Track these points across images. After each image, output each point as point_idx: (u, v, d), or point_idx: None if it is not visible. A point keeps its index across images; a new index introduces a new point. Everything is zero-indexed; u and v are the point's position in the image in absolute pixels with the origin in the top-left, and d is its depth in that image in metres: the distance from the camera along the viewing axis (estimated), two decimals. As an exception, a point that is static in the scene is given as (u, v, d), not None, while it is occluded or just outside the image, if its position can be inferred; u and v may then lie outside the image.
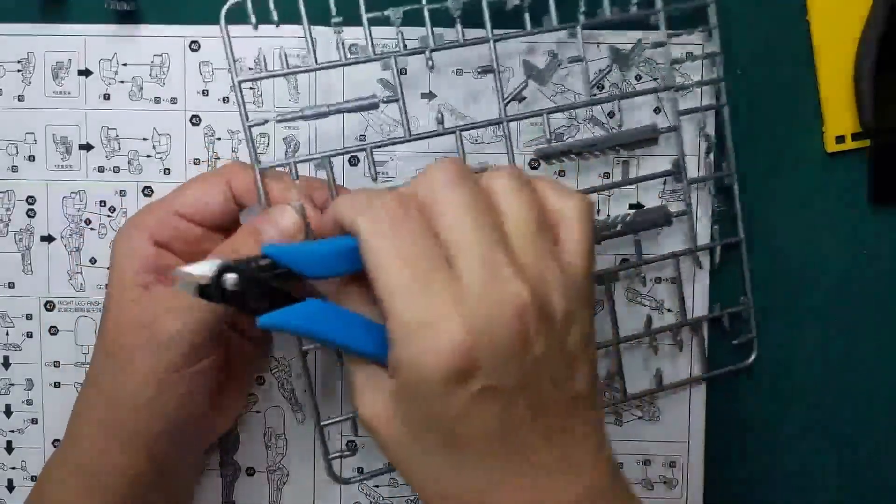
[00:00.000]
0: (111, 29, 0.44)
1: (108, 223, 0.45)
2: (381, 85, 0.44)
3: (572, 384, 0.33)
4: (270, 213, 0.38)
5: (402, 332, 0.31)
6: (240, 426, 0.46)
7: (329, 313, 0.33)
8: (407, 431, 0.32)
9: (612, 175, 0.45)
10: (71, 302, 0.45)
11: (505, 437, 0.31)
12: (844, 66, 0.45)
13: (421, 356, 0.30)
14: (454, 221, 0.31)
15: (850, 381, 0.47)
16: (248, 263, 0.33)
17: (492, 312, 0.30)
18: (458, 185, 0.32)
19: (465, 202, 0.32)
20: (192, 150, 0.45)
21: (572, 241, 0.33)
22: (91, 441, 0.39)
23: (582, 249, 0.33)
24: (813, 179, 0.46)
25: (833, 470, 0.47)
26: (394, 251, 0.31)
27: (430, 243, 0.31)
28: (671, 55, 0.44)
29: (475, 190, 0.32)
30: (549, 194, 0.34)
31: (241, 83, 0.40)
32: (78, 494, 0.38)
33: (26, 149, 0.45)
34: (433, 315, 0.30)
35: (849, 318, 0.47)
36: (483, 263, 0.31)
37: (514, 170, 0.34)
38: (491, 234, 0.31)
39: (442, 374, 0.30)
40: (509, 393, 0.31)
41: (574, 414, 0.33)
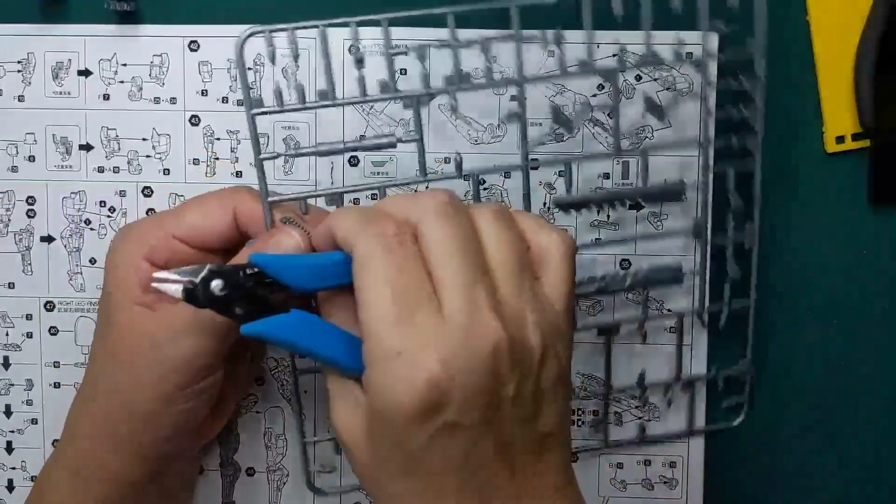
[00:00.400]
0: (111, 29, 0.44)
1: (108, 223, 0.45)
2: (381, 86, 0.44)
3: (542, 422, 0.33)
4: (274, 234, 0.37)
5: (378, 356, 0.31)
6: (240, 426, 0.46)
7: (312, 325, 0.34)
8: (375, 451, 0.33)
9: (612, 175, 0.45)
10: (71, 302, 0.45)
11: (467, 472, 0.32)
12: (844, 66, 0.45)
13: (394, 384, 0.31)
14: (442, 256, 0.32)
15: (851, 380, 0.47)
16: (235, 271, 0.33)
17: (468, 349, 0.31)
18: (449, 219, 0.33)
19: (454, 237, 0.32)
20: (191, 150, 0.45)
21: (554, 279, 0.34)
22: (88, 444, 0.39)
23: (563, 289, 0.34)
24: (813, 179, 0.46)
25: (833, 470, 0.47)
26: (386, 277, 0.32)
27: (420, 275, 0.32)
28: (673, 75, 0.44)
29: (465, 225, 0.33)
30: (533, 231, 0.35)
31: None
32: (74, 497, 0.39)
33: (26, 149, 0.45)
34: (411, 346, 0.31)
35: (849, 318, 0.47)
36: (465, 301, 0.31)
37: (500, 207, 0.35)
38: (474, 272, 0.32)
39: (411, 406, 0.30)
40: (476, 429, 0.31)
41: (540, 452, 0.33)
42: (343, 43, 0.44)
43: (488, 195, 0.45)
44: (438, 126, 0.45)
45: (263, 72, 0.44)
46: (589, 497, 0.46)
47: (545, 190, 0.45)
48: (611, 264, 0.45)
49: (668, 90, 0.45)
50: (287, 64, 0.44)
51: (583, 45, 0.43)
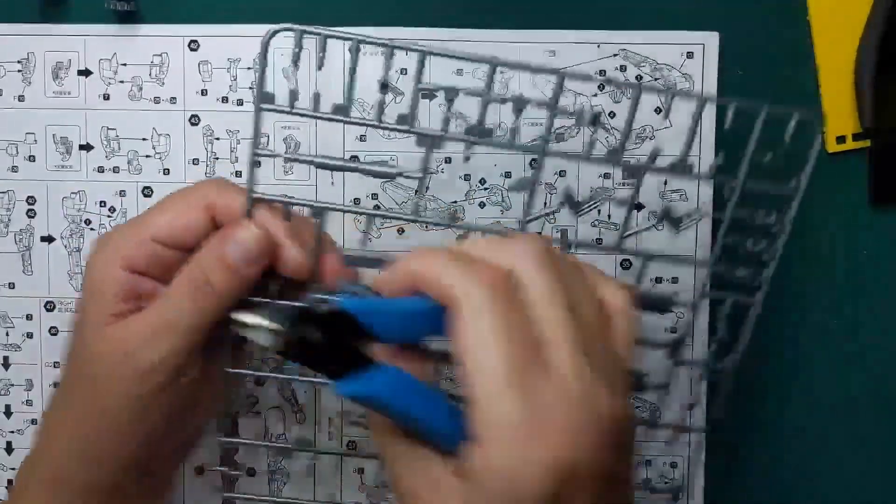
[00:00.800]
0: (111, 29, 0.44)
1: (108, 223, 0.45)
2: (382, 85, 0.44)
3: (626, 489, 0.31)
4: (235, 229, 0.36)
5: (497, 434, 0.27)
6: (240, 426, 0.46)
7: (408, 385, 0.30)
8: None
9: (613, 175, 0.45)
10: (71, 302, 0.45)
11: None
12: (845, 66, 0.45)
13: (521, 468, 0.27)
14: (550, 310, 0.29)
15: (851, 380, 0.47)
16: (329, 316, 0.29)
17: (592, 422, 0.27)
18: (553, 269, 0.30)
19: (560, 290, 0.29)
20: (191, 149, 0.45)
21: (623, 334, 0.31)
22: (66, 458, 0.37)
23: (631, 343, 0.32)
24: (813, 180, 0.46)
25: (833, 470, 0.47)
26: (498, 334, 0.28)
27: (530, 331, 0.28)
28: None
29: (565, 278, 0.30)
30: (600, 283, 0.32)
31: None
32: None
33: (26, 149, 0.45)
34: (532, 418, 0.27)
35: (849, 318, 0.47)
36: (579, 364, 0.28)
37: (573, 258, 0.33)
38: (577, 332, 0.29)
39: (540, 492, 0.27)
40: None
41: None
42: (344, 44, 0.44)
43: (488, 195, 0.45)
44: (438, 125, 0.44)
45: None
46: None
47: (545, 189, 0.45)
48: (611, 265, 0.45)
49: (668, 90, 0.45)
50: (287, 64, 0.44)
51: (583, 46, 0.43)
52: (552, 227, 0.45)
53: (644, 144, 0.45)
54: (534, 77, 0.44)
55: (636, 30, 0.44)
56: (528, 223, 0.40)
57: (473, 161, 0.45)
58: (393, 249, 0.45)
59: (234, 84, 0.44)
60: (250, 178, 0.37)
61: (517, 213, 0.45)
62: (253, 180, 0.37)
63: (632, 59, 0.44)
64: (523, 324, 0.28)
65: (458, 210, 0.45)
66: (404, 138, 0.44)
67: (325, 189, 0.45)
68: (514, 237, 0.32)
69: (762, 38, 0.45)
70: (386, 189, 0.45)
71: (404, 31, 0.44)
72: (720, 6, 0.45)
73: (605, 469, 0.27)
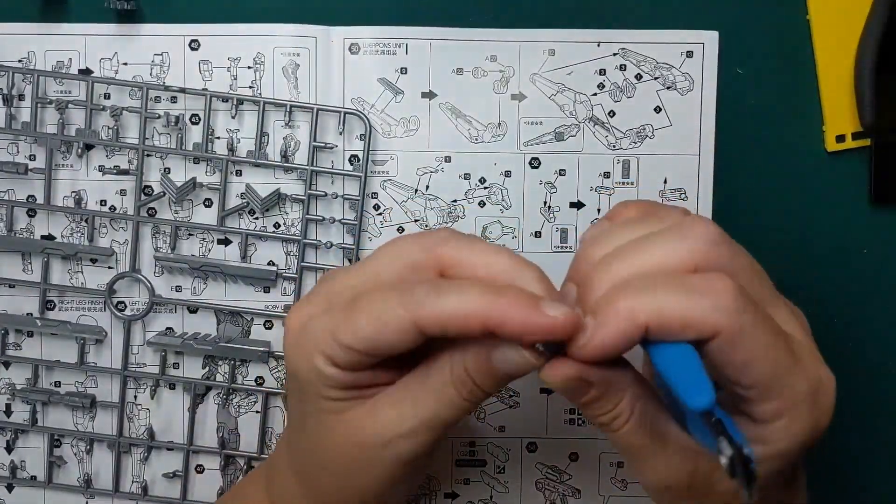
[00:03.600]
0: (111, 28, 0.44)
1: (109, 223, 0.45)
2: (382, 84, 0.44)
3: None
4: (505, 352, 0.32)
5: (797, 406, 0.31)
6: (240, 426, 0.46)
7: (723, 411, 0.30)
8: (776, 488, 0.34)
9: (613, 174, 0.45)
10: (71, 302, 0.45)
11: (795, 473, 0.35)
12: (845, 65, 0.45)
13: (821, 416, 0.32)
14: (761, 279, 0.32)
15: (851, 380, 0.47)
16: (722, 426, 0.28)
17: (831, 381, 0.33)
18: (731, 240, 0.32)
19: (748, 255, 0.33)
20: (191, 149, 0.45)
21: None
22: None
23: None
24: (813, 179, 0.46)
25: (833, 469, 0.47)
26: (766, 335, 0.30)
27: (768, 315, 0.31)
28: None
29: (747, 257, 0.33)
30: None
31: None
32: None
33: (26, 147, 0.45)
34: (814, 379, 0.32)
35: (849, 318, 0.46)
36: (789, 311, 0.33)
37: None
38: (787, 306, 0.34)
39: (819, 436, 0.32)
40: None
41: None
42: (343, 42, 0.44)
43: (489, 194, 0.45)
44: (439, 124, 0.45)
45: (263, 71, 0.44)
46: (589, 496, 0.46)
47: (545, 189, 0.45)
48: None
49: (668, 89, 0.45)
50: (287, 63, 0.44)
51: (583, 45, 0.43)
52: (552, 225, 0.45)
53: (644, 143, 0.45)
54: (534, 77, 0.44)
55: (636, 28, 0.44)
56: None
57: (473, 160, 0.45)
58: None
59: (234, 83, 0.44)
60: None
61: (517, 213, 0.45)
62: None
63: (632, 58, 0.45)
64: (769, 318, 0.31)
65: (459, 210, 0.45)
66: (404, 137, 0.44)
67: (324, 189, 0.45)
68: (675, 227, 0.32)
69: (762, 37, 0.45)
70: (386, 188, 0.45)
71: (403, 31, 0.44)
72: (720, 5, 0.45)
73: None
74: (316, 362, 0.33)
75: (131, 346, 0.46)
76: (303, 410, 0.35)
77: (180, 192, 0.44)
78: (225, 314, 0.46)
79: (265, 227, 0.45)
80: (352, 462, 0.34)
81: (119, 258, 0.45)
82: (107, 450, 0.46)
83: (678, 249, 0.31)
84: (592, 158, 0.45)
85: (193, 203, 0.45)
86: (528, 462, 0.46)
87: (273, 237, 0.45)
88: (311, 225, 0.45)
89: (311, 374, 0.33)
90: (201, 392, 0.46)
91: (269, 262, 0.45)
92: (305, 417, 0.35)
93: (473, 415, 0.46)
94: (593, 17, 0.45)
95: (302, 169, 0.44)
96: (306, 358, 0.33)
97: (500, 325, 0.30)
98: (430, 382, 0.33)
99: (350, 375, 0.33)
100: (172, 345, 0.45)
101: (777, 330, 0.31)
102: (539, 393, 0.46)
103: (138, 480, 0.46)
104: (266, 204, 0.44)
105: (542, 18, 0.45)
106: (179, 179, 0.45)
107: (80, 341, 0.45)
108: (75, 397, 0.45)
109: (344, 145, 0.45)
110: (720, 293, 0.29)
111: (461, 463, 0.46)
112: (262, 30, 0.44)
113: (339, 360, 0.32)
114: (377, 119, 0.44)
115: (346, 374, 0.33)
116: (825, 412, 0.32)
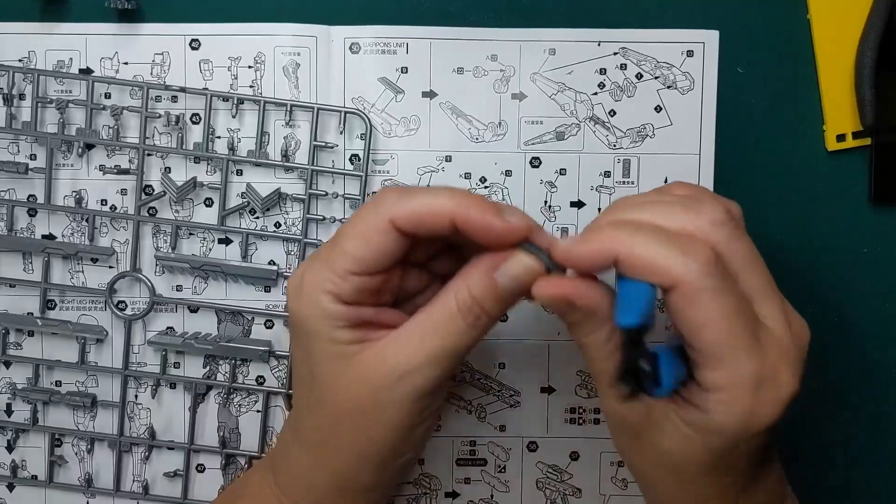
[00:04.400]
0: (112, 28, 0.44)
1: (109, 223, 0.45)
2: (383, 84, 0.44)
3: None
4: (506, 260, 0.35)
5: (739, 384, 0.32)
6: (240, 426, 0.46)
7: (669, 357, 0.33)
8: (711, 475, 0.34)
9: (613, 174, 0.45)
10: (71, 301, 0.45)
11: (753, 471, 0.35)
12: (845, 65, 0.45)
13: (762, 408, 0.32)
14: (754, 269, 0.33)
15: (851, 380, 0.47)
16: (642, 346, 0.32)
17: (802, 354, 0.33)
18: (739, 228, 0.33)
19: (752, 247, 0.34)
20: (192, 148, 0.45)
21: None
22: (323, 492, 0.37)
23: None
24: (813, 178, 0.46)
25: (833, 469, 0.47)
26: (728, 307, 0.31)
27: (749, 303, 0.33)
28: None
29: (747, 240, 0.34)
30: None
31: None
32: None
33: (27, 147, 0.45)
34: (769, 370, 0.32)
35: (849, 318, 0.47)
36: (782, 309, 0.33)
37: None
38: (774, 290, 0.34)
39: (770, 423, 0.32)
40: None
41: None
42: (344, 42, 0.44)
43: (489, 193, 0.45)
44: (439, 124, 0.45)
45: (263, 71, 0.44)
46: (590, 495, 0.46)
47: (546, 188, 0.45)
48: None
49: (668, 88, 0.45)
50: (287, 63, 0.44)
51: (583, 44, 0.43)
52: (553, 224, 0.45)
53: (644, 142, 0.45)
54: (534, 76, 0.44)
55: (636, 28, 0.45)
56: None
57: (474, 159, 0.45)
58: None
59: (234, 83, 0.44)
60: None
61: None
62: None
63: (632, 58, 0.45)
64: (742, 297, 0.32)
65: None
66: (405, 137, 0.45)
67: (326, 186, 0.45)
68: (697, 200, 0.33)
69: (762, 36, 0.45)
70: (385, 186, 0.45)
71: (404, 30, 0.44)
72: (720, 5, 0.45)
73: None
74: (321, 302, 0.34)
75: (132, 345, 0.46)
76: (312, 366, 0.36)
77: (181, 191, 0.44)
78: (226, 313, 0.46)
79: (266, 226, 0.45)
80: (365, 408, 0.35)
81: (120, 258, 0.45)
82: (107, 449, 0.46)
83: (679, 216, 0.33)
84: (593, 158, 0.45)
85: (194, 202, 0.45)
86: (529, 461, 0.46)
87: (274, 237, 0.45)
88: (312, 224, 0.45)
89: (318, 320, 0.35)
90: (202, 391, 0.46)
91: (269, 261, 0.45)
92: (315, 372, 0.36)
93: (474, 414, 0.46)
94: (594, 17, 0.45)
95: (303, 168, 0.44)
96: (310, 303, 0.35)
97: (464, 221, 0.33)
98: (436, 315, 0.35)
99: (355, 311, 0.35)
100: (173, 344, 0.45)
101: (742, 309, 0.32)
102: (539, 392, 0.46)
103: (139, 480, 0.46)
104: (267, 203, 0.44)
105: (542, 18, 0.45)
106: (180, 179, 0.45)
107: (80, 341, 0.45)
108: (76, 397, 0.45)
109: (344, 145, 0.45)
110: (691, 253, 0.31)
111: (462, 462, 0.46)
112: (263, 29, 0.44)
113: (341, 291, 0.34)
114: (378, 118, 0.44)
115: (351, 309, 0.35)
116: (768, 407, 0.32)
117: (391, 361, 0.35)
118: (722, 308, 0.31)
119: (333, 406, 0.36)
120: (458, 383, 0.46)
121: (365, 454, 0.36)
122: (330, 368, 0.35)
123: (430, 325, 0.35)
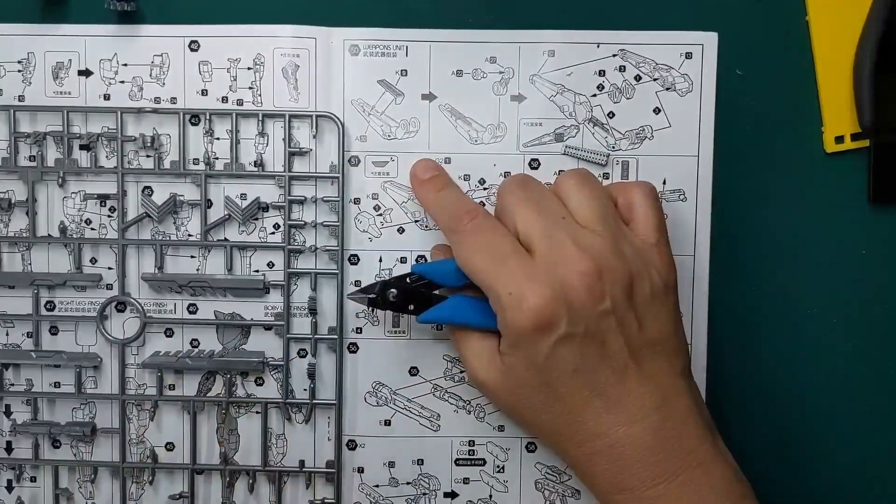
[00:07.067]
0: (111, 29, 0.44)
1: (109, 223, 0.45)
2: (382, 86, 0.44)
3: (645, 332, 0.39)
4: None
5: (500, 303, 0.39)
6: (240, 426, 0.46)
7: (465, 304, 0.42)
8: (512, 380, 0.40)
9: (612, 175, 0.45)
10: (71, 302, 0.45)
11: (581, 377, 0.39)
12: (844, 66, 0.45)
13: (517, 317, 0.38)
14: (522, 215, 0.40)
15: (851, 380, 0.47)
16: (402, 279, 0.43)
17: (561, 279, 0.38)
18: (520, 188, 0.41)
19: (528, 200, 0.40)
20: (191, 149, 0.45)
21: (643, 218, 0.41)
22: None
23: (650, 223, 0.41)
24: (812, 180, 0.46)
25: (833, 469, 0.47)
26: (475, 247, 0.40)
27: (502, 234, 0.40)
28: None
29: (538, 190, 0.41)
30: (618, 189, 0.42)
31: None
32: None
33: (26, 149, 0.45)
34: (514, 286, 0.38)
35: (848, 318, 0.47)
36: (550, 244, 0.39)
37: (583, 172, 0.42)
38: (554, 221, 0.39)
39: (531, 328, 0.38)
40: (582, 338, 0.38)
41: (644, 356, 0.39)
42: (344, 43, 0.44)
43: (488, 194, 0.45)
44: (439, 126, 0.45)
45: (263, 72, 0.44)
46: (588, 496, 0.46)
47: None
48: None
49: (667, 90, 0.45)
50: (287, 64, 0.44)
51: (582, 46, 0.43)
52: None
53: (643, 144, 0.45)
54: (534, 78, 0.45)
55: (635, 30, 0.45)
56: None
57: (473, 161, 0.45)
58: (395, 248, 0.45)
59: (234, 84, 0.44)
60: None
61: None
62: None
63: (631, 60, 0.45)
64: (493, 230, 0.40)
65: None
66: (404, 139, 0.45)
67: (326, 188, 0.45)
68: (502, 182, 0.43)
69: (761, 38, 0.45)
70: (386, 188, 0.45)
71: (403, 33, 0.44)
72: (719, 6, 0.45)
73: (579, 308, 0.38)
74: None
75: (130, 367, 0.46)
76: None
77: (161, 211, 0.44)
78: (218, 328, 0.45)
79: (252, 234, 0.45)
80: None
81: (109, 280, 0.45)
82: (111, 477, 0.46)
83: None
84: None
85: (180, 218, 0.45)
86: (528, 462, 0.46)
87: (257, 246, 0.45)
88: (297, 230, 0.45)
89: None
90: (201, 409, 0.46)
91: (267, 263, 0.45)
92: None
93: (473, 414, 0.46)
94: (593, 19, 0.45)
95: (279, 176, 0.44)
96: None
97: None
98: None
99: None
100: (167, 364, 0.45)
101: (485, 246, 0.40)
102: (538, 393, 0.46)
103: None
104: (247, 214, 0.44)
105: (541, 20, 0.45)
106: (163, 196, 0.45)
107: (77, 370, 0.45)
108: (76, 427, 0.45)
109: (316, 149, 0.45)
110: (450, 227, 0.42)
111: (461, 462, 0.46)
112: (262, 31, 0.44)
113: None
114: (378, 121, 0.45)
115: None
116: (515, 323, 0.38)
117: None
118: (470, 251, 0.40)
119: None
120: (457, 383, 0.46)
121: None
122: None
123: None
